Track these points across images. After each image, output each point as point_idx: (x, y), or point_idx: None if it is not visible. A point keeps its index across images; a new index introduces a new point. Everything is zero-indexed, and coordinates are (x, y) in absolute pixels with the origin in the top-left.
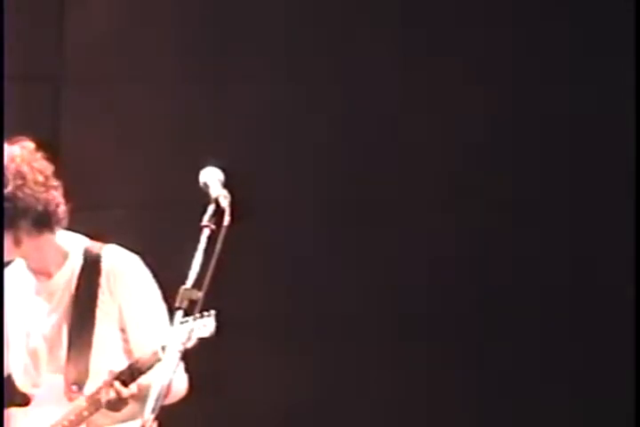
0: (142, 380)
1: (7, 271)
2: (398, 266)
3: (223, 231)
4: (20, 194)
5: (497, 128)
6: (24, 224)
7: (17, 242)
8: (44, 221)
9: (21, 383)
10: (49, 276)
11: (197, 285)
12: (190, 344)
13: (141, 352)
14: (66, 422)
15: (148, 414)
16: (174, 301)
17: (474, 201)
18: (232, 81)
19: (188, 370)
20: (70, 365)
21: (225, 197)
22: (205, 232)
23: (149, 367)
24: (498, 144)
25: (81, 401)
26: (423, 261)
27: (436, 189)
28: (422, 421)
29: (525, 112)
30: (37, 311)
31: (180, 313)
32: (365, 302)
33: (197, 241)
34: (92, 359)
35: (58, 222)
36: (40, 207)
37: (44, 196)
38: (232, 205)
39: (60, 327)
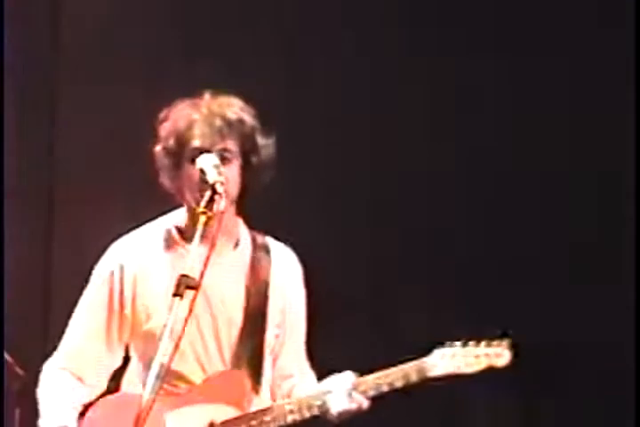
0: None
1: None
2: (398, 266)
3: (219, 217)
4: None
5: (497, 128)
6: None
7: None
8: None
9: (188, 370)
10: (222, 250)
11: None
12: (473, 370)
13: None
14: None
15: (147, 394)
16: None
17: (473, 202)
18: (231, 81)
19: None
20: (242, 358)
21: (222, 183)
22: (202, 219)
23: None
24: (498, 144)
25: (268, 414)
26: (423, 261)
27: (436, 189)
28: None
29: (526, 113)
30: (219, 280)
31: (176, 300)
32: (366, 301)
33: None
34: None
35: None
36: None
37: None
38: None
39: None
